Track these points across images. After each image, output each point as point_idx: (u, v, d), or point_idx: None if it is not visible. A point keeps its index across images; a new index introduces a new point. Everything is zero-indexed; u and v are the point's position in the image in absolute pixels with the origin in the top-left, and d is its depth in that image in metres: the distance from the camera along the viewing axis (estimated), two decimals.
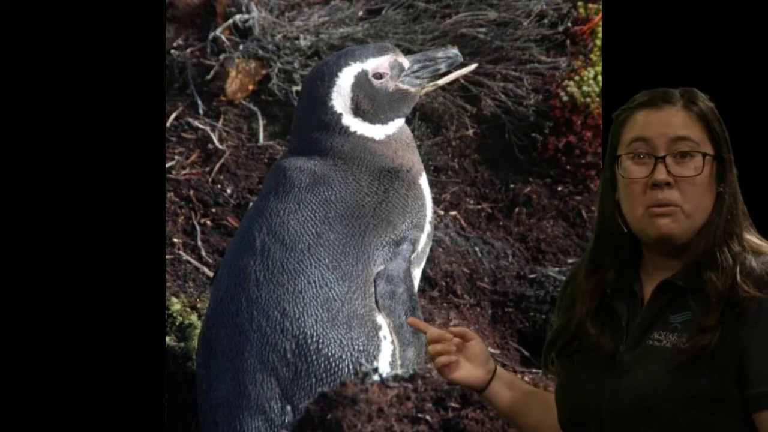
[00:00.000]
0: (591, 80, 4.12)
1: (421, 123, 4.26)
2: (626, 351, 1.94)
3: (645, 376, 1.90)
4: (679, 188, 1.93)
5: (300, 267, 2.97)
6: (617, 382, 1.92)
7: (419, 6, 4.47)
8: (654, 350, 1.91)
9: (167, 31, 4.48)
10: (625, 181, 1.97)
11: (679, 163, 1.94)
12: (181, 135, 4.30)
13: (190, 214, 4.03)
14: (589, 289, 2.01)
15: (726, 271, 1.89)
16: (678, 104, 1.96)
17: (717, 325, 1.86)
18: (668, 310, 1.94)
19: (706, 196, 1.95)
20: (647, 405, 1.88)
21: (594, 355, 1.97)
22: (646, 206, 1.94)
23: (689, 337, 1.88)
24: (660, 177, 1.93)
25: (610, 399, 1.92)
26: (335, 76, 3.15)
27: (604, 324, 1.98)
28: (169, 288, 3.70)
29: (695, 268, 1.92)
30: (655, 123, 1.96)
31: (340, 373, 2.91)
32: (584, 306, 2.01)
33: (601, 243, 2.02)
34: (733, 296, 1.87)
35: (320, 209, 3.04)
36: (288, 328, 2.93)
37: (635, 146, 1.96)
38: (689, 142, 1.94)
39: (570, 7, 4.44)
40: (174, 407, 3.27)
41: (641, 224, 1.95)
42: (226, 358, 2.97)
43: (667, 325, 1.92)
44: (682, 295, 1.93)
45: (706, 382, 1.85)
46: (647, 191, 1.94)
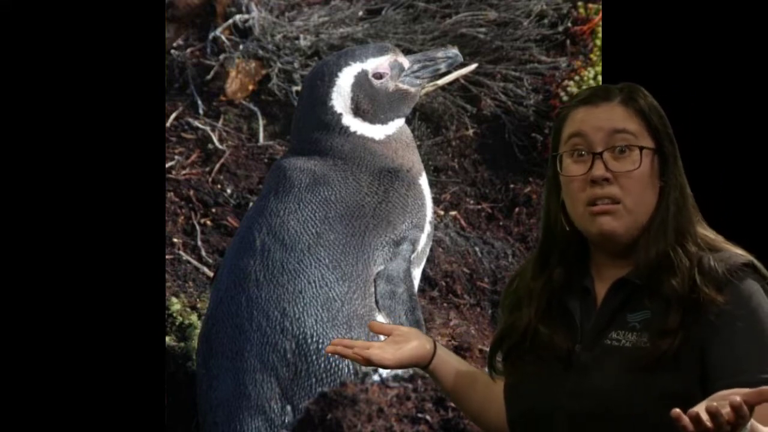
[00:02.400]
0: (591, 80, 4.12)
1: (421, 123, 4.26)
2: (583, 350, 1.91)
3: (606, 376, 1.87)
4: (619, 183, 1.91)
5: (300, 267, 2.98)
6: (576, 382, 1.90)
7: (419, 6, 4.47)
8: (613, 350, 1.88)
9: (167, 31, 4.48)
10: (565, 179, 1.96)
11: (617, 159, 1.92)
12: (181, 135, 4.30)
13: (190, 214, 4.03)
14: (537, 289, 1.98)
15: (684, 272, 1.87)
16: (615, 100, 1.94)
17: (678, 327, 1.84)
18: (625, 308, 1.91)
19: (647, 191, 1.92)
20: (609, 405, 1.85)
21: (547, 354, 1.94)
22: (585, 203, 1.92)
23: (650, 337, 1.86)
24: (597, 173, 1.91)
25: (568, 399, 1.89)
26: (335, 76, 3.15)
27: (557, 323, 1.96)
28: (169, 288, 3.70)
29: (651, 268, 1.90)
30: (592, 119, 1.94)
31: (340, 373, 2.91)
32: (533, 306, 1.98)
33: (547, 242, 2.00)
34: (694, 298, 1.85)
35: (320, 209, 3.04)
36: (288, 328, 2.93)
37: (573, 142, 1.94)
38: (626, 135, 1.92)
39: (570, 7, 4.44)
40: (174, 407, 3.27)
41: (583, 222, 1.93)
42: (226, 358, 2.97)
43: (625, 324, 1.89)
44: (638, 294, 1.91)
45: (670, 382, 1.83)
46: (586, 188, 1.92)
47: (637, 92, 1.97)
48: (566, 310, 1.96)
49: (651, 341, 1.85)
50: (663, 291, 1.87)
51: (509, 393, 2.00)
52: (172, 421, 3.26)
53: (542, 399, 1.92)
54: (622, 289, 1.92)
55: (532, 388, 1.95)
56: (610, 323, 1.91)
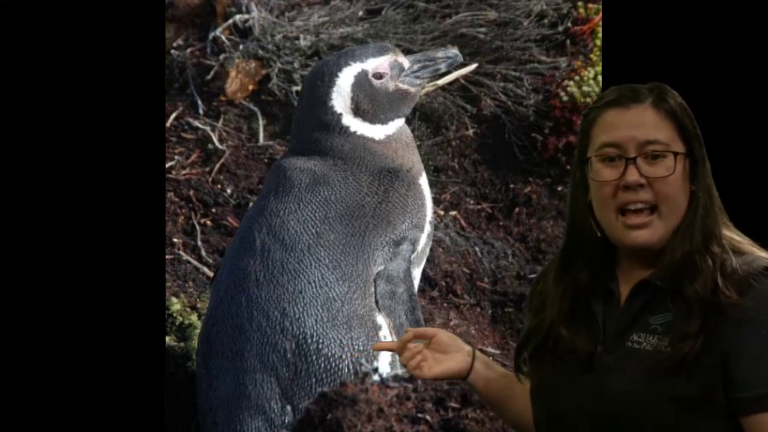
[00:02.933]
0: (591, 80, 4.12)
1: (421, 123, 4.27)
2: (604, 352, 1.91)
3: (626, 379, 1.86)
4: (653, 189, 1.89)
5: (300, 267, 2.98)
6: (597, 384, 1.89)
7: (419, 6, 4.47)
8: (634, 353, 1.88)
9: (167, 31, 4.48)
10: (596, 184, 1.92)
11: (650, 164, 1.89)
12: (181, 135, 4.31)
13: (190, 214, 4.04)
14: (561, 291, 1.97)
15: (707, 275, 1.85)
16: (647, 102, 1.92)
17: (699, 331, 1.82)
18: (647, 310, 1.90)
19: (680, 195, 1.90)
20: (629, 408, 1.85)
21: (569, 356, 1.93)
22: (618, 208, 1.90)
23: (671, 341, 1.84)
24: (631, 179, 1.89)
25: (590, 401, 1.89)
26: (335, 76, 3.15)
27: (579, 325, 1.94)
28: (169, 288, 3.70)
29: (675, 270, 1.88)
30: (623, 125, 1.91)
31: (340, 373, 2.91)
32: (556, 307, 1.97)
33: (574, 245, 1.98)
34: (715, 301, 1.83)
35: (320, 209, 3.04)
36: (288, 328, 2.93)
37: (605, 148, 1.91)
38: (660, 144, 1.89)
39: (570, 7, 4.44)
40: (174, 407, 3.27)
41: (615, 232, 1.91)
42: (226, 358, 2.97)
43: (647, 326, 1.88)
44: (660, 296, 1.89)
45: (690, 387, 1.82)
46: (618, 193, 1.90)
47: (667, 93, 1.94)
48: (590, 311, 1.95)
49: (671, 345, 1.84)
50: (685, 293, 1.86)
51: (534, 395, 2.01)
52: (172, 421, 3.26)
53: (564, 401, 1.92)
54: (644, 290, 1.91)
55: (554, 390, 1.95)
56: (632, 325, 1.90)
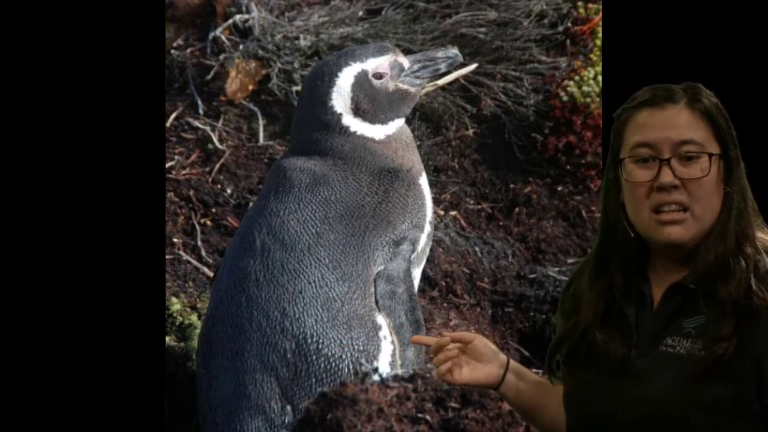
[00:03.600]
0: (591, 80, 4.12)
1: (421, 123, 4.26)
2: (638, 356, 1.89)
3: (661, 384, 1.85)
4: (687, 190, 1.87)
5: (300, 267, 2.97)
6: (631, 389, 1.88)
7: (419, 6, 4.47)
8: (668, 357, 1.86)
9: (167, 31, 4.48)
10: (629, 185, 1.91)
11: (684, 165, 1.88)
12: (181, 135, 4.30)
13: (190, 214, 4.03)
14: (595, 293, 1.95)
15: (740, 276, 1.84)
16: (681, 102, 1.90)
17: (733, 333, 1.81)
18: (680, 313, 1.88)
19: (714, 197, 1.89)
20: (664, 414, 1.83)
21: (604, 361, 1.92)
22: (652, 209, 1.88)
23: (704, 344, 1.83)
24: (666, 180, 1.87)
25: (624, 407, 1.87)
26: (335, 76, 3.15)
27: (613, 329, 1.93)
28: (169, 288, 3.70)
29: (708, 272, 1.87)
30: (658, 125, 1.89)
31: (340, 373, 2.91)
32: (591, 310, 1.95)
33: (607, 246, 1.96)
34: (748, 303, 1.82)
35: (320, 209, 3.04)
36: (288, 328, 2.93)
37: (639, 149, 1.90)
38: (694, 145, 1.88)
39: (570, 7, 4.44)
40: (174, 407, 3.27)
41: (649, 230, 1.90)
42: (226, 358, 2.97)
43: (680, 329, 1.87)
44: (694, 299, 1.88)
45: (724, 391, 1.81)
46: (652, 194, 1.88)
47: (701, 93, 1.92)
48: (623, 315, 1.93)
49: (705, 348, 1.82)
50: (718, 296, 1.84)
51: (567, 399, 1.99)
52: (172, 421, 3.26)
53: (598, 405, 1.90)
54: (677, 293, 1.89)
55: (588, 395, 1.93)
56: (666, 329, 1.88)
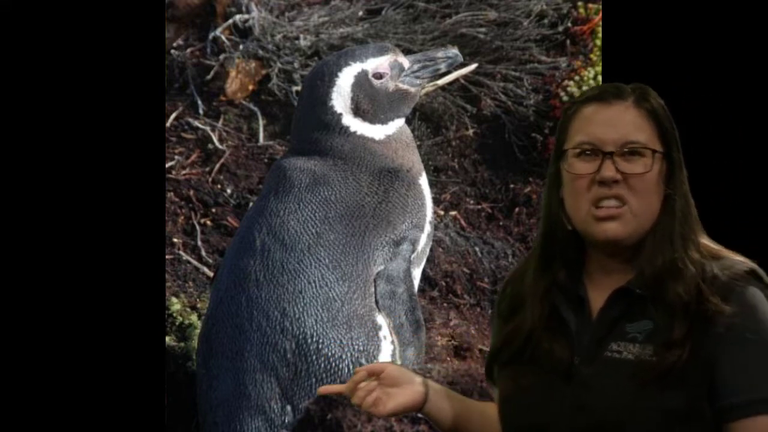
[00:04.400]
0: (591, 80, 4.12)
1: (421, 123, 4.27)
2: (582, 363, 1.84)
3: (608, 391, 1.80)
4: (628, 185, 1.85)
5: (300, 267, 2.98)
6: (577, 397, 1.82)
7: (419, 6, 4.47)
8: (615, 363, 1.81)
9: (167, 31, 4.48)
10: (570, 177, 1.89)
11: (627, 160, 1.85)
12: (181, 135, 4.31)
13: (190, 214, 4.04)
14: (540, 293, 1.90)
15: (689, 280, 1.81)
16: (629, 100, 1.88)
17: (685, 338, 1.78)
18: (623, 318, 1.84)
19: (654, 195, 1.86)
20: (613, 420, 1.79)
21: (548, 366, 1.86)
22: (591, 203, 1.85)
23: (655, 349, 1.79)
24: (607, 174, 1.84)
25: (569, 415, 1.82)
26: (335, 76, 3.15)
27: (556, 333, 1.88)
28: (169, 288, 3.70)
29: (655, 276, 1.83)
30: (603, 121, 1.87)
31: (340, 373, 2.91)
32: (536, 311, 1.90)
33: (549, 242, 1.92)
34: (700, 309, 1.79)
35: (320, 209, 3.04)
36: (288, 328, 2.93)
37: (582, 140, 1.88)
38: (639, 143, 1.86)
39: (570, 7, 4.44)
40: (174, 407, 3.27)
41: (586, 226, 1.87)
42: (226, 358, 2.97)
43: (625, 335, 1.82)
44: (638, 304, 1.84)
45: (677, 397, 1.77)
46: (593, 188, 1.85)
47: (649, 93, 1.91)
48: (562, 319, 1.89)
49: (657, 353, 1.79)
50: (667, 300, 1.81)
51: (505, 407, 1.93)
52: (172, 421, 3.26)
53: (541, 413, 1.85)
54: (622, 298, 1.86)
55: (530, 402, 1.88)
56: (609, 334, 1.84)
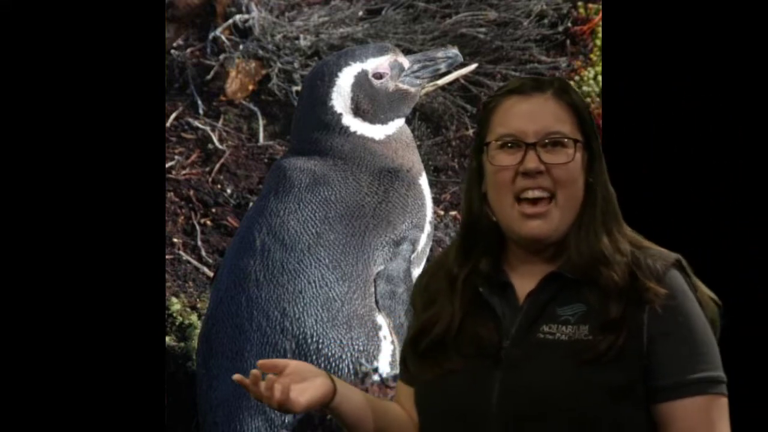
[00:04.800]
0: (591, 80, 4.12)
1: (421, 123, 4.27)
2: (512, 346, 1.83)
3: (542, 371, 1.80)
4: (552, 176, 1.86)
5: (300, 267, 2.98)
6: (508, 379, 1.81)
7: (419, 6, 4.47)
8: (547, 344, 1.81)
9: (167, 31, 4.48)
10: (493, 170, 1.88)
11: (549, 151, 1.86)
12: (181, 135, 4.31)
13: (190, 214, 4.04)
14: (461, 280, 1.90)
15: (621, 266, 1.82)
16: (548, 92, 1.90)
17: (621, 318, 1.79)
18: (554, 302, 1.84)
19: (578, 185, 1.88)
20: (547, 401, 1.78)
21: (473, 351, 1.85)
22: (515, 195, 1.86)
23: (591, 329, 1.80)
24: (531, 165, 1.85)
25: (501, 398, 1.81)
26: (335, 76, 3.15)
27: (482, 318, 1.88)
28: (169, 288, 3.70)
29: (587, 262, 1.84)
30: (524, 113, 1.88)
31: (340, 373, 2.91)
32: (456, 298, 1.89)
33: (470, 234, 1.92)
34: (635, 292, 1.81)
35: (320, 209, 3.04)
36: (288, 328, 2.93)
37: (504, 132, 1.88)
38: (559, 133, 1.87)
39: (570, 7, 4.44)
40: (174, 407, 3.27)
41: (510, 221, 1.87)
42: (226, 358, 2.97)
43: (556, 317, 1.83)
44: (570, 288, 1.85)
45: (613, 376, 1.78)
46: (517, 179, 1.86)
47: (568, 87, 1.93)
48: (486, 304, 1.89)
49: (593, 333, 1.80)
50: (601, 283, 1.82)
51: (425, 396, 1.90)
52: (172, 421, 3.26)
53: (469, 397, 1.84)
54: (553, 282, 1.86)
55: (457, 386, 1.85)
56: (539, 317, 1.84)
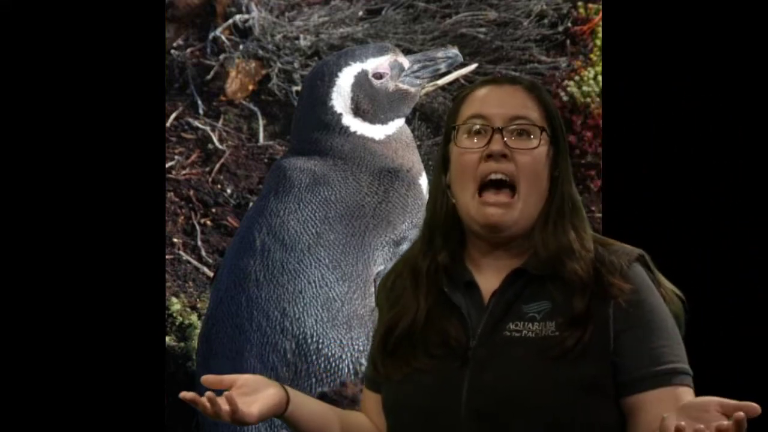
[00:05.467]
0: (591, 80, 4.12)
1: (421, 123, 4.26)
2: (479, 346, 1.83)
3: (510, 368, 1.80)
4: (516, 162, 1.85)
5: (300, 267, 2.98)
6: (476, 377, 1.81)
7: (419, 6, 4.47)
8: (514, 341, 1.81)
9: (167, 31, 4.48)
10: (458, 152, 1.88)
11: (516, 137, 1.86)
12: (181, 135, 4.31)
13: (190, 214, 4.03)
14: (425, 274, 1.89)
15: (586, 262, 1.83)
16: (519, 85, 1.91)
17: (586, 313, 1.79)
18: (519, 300, 1.84)
19: (542, 175, 1.87)
20: (517, 399, 1.78)
21: (441, 349, 1.85)
22: (478, 182, 1.86)
23: (558, 325, 1.80)
24: (496, 148, 1.85)
25: (470, 397, 1.80)
26: (335, 76, 3.15)
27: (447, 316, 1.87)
28: (169, 288, 3.70)
29: (550, 258, 1.85)
30: (494, 99, 1.89)
31: (340, 373, 2.91)
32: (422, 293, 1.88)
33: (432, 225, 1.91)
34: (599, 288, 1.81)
35: (320, 209, 3.04)
36: (288, 328, 2.93)
37: (472, 117, 1.88)
38: (527, 120, 1.88)
39: (570, 7, 4.44)
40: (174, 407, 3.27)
41: (470, 208, 1.86)
42: (226, 358, 2.97)
43: (522, 315, 1.82)
44: (534, 285, 1.85)
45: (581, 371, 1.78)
46: (481, 164, 1.86)
47: (540, 86, 1.95)
48: (451, 303, 1.88)
49: (559, 329, 1.80)
50: (566, 279, 1.83)
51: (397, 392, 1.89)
52: (172, 421, 3.26)
53: (438, 397, 1.83)
54: (517, 280, 1.86)
55: (426, 387, 1.84)
56: (505, 316, 1.83)
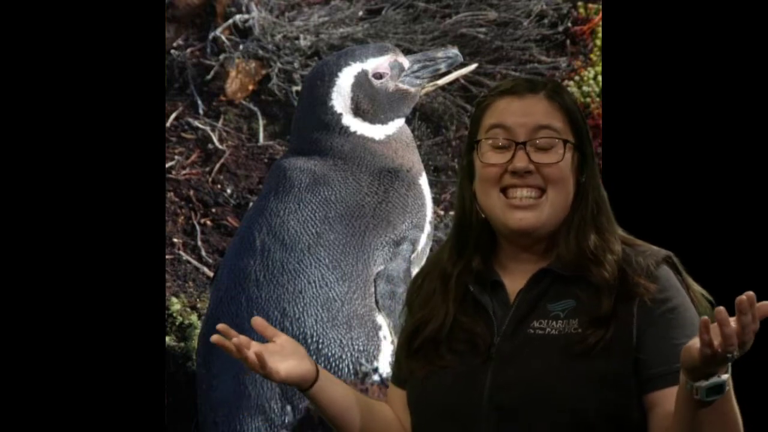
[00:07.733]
0: (591, 80, 4.12)
1: (421, 123, 4.27)
2: (503, 342, 1.86)
3: (532, 364, 1.82)
4: (542, 174, 1.87)
5: (300, 267, 2.98)
6: (500, 373, 1.84)
7: (419, 6, 4.47)
8: (538, 338, 1.84)
9: (167, 31, 4.48)
10: (482, 166, 1.90)
11: (539, 152, 1.87)
12: (181, 135, 4.31)
13: (190, 214, 4.04)
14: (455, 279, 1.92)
15: (611, 263, 1.85)
16: (541, 93, 1.91)
17: (610, 313, 1.81)
18: (544, 299, 1.87)
19: (568, 183, 1.89)
20: (539, 393, 1.80)
21: (466, 347, 1.88)
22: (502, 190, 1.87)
23: (581, 323, 1.82)
24: (520, 165, 1.86)
25: (492, 392, 1.83)
26: (335, 76, 3.15)
27: (474, 315, 1.90)
28: (169, 288, 3.70)
29: (577, 258, 1.86)
30: (516, 111, 1.89)
31: (340, 373, 2.91)
32: (450, 297, 1.91)
33: (463, 232, 1.94)
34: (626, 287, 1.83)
35: (320, 209, 3.04)
36: (288, 328, 2.93)
37: (494, 132, 1.89)
38: (550, 131, 1.88)
39: (570, 7, 4.45)
40: (174, 407, 3.27)
41: (499, 213, 1.88)
42: (226, 358, 2.96)
43: (547, 313, 1.85)
44: (560, 284, 1.87)
45: (604, 367, 1.80)
46: (505, 177, 1.87)
47: (562, 88, 1.94)
48: (478, 303, 1.91)
49: (582, 327, 1.82)
50: (591, 280, 1.84)
51: (420, 389, 1.92)
52: (172, 421, 3.26)
53: (462, 394, 1.85)
54: (543, 279, 1.88)
55: (449, 383, 1.87)
56: (530, 313, 1.86)
